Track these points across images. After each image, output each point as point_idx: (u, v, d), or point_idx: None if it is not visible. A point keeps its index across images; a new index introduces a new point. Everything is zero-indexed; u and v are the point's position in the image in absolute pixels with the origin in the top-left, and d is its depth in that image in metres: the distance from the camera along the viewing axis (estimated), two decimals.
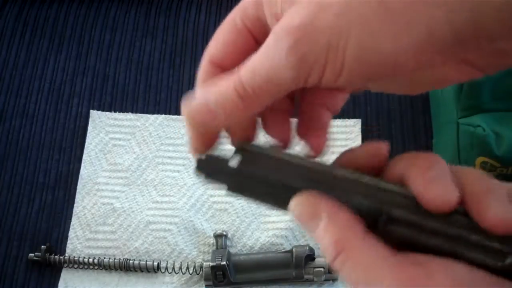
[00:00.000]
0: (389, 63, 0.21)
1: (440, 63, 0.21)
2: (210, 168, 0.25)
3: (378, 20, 0.20)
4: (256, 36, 0.26)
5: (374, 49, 0.20)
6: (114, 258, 0.59)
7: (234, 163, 0.25)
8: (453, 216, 0.21)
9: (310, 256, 0.56)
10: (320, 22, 0.20)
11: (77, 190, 0.63)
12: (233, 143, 0.27)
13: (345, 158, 0.25)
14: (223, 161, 0.25)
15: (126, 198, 0.63)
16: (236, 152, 0.25)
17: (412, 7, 0.19)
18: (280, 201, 0.24)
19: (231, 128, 0.27)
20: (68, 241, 0.61)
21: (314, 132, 0.27)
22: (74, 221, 0.62)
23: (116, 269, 0.59)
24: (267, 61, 0.22)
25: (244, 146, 0.25)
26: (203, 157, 0.26)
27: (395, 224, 0.22)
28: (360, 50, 0.20)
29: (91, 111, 0.68)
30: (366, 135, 0.66)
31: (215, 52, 0.26)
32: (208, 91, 0.25)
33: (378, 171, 0.25)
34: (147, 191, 0.63)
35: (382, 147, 0.24)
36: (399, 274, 0.20)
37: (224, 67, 0.26)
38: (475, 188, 0.21)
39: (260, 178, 0.24)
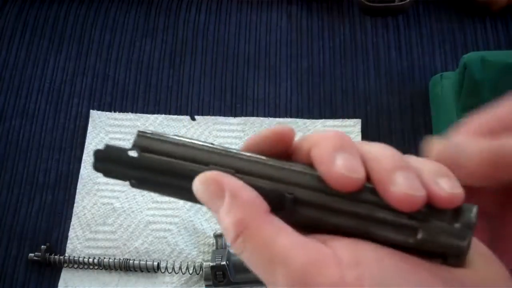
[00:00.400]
0: None
1: None
2: (109, 160, 0.23)
3: None
4: None
5: None
6: (114, 258, 0.59)
7: (134, 152, 0.23)
8: (361, 194, 0.21)
9: None
10: None
11: (77, 190, 0.63)
12: None
13: (251, 144, 0.24)
14: (123, 151, 0.23)
15: (126, 198, 0.63)
16: (136, 141, 0.23)
17: None
18: (184, 191, 0.23)
19: None
20: (68, 241, 0.61)
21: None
22: (74, 221, 0.62)
23: (116, 269, 0.59)
24: None
25: (145, 134, 0.24)
26: (102, 147, 0.23)
27: (302, 205, 0.21)
28: None
29: (91, 111, 0.68)
30: (366, 135, 0.66)
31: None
32: (469, 139, 0.23)
33: (286, 155, 0.24)
34: (147, 191, 0.63)
35: (287, 130, 0.23)
36: (304, 254, 0.19)
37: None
38: (382, 164, 0.20)
39: (161, 166, 0.23)
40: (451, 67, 0.70)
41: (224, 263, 0.55)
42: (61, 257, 0.59)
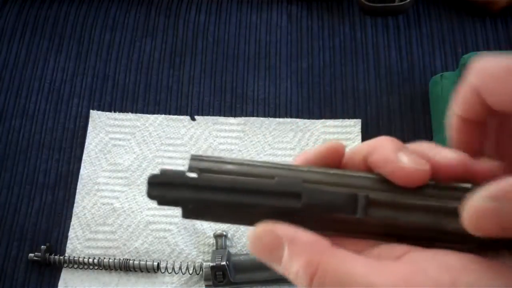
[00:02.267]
0: None
1: None
2: (165, 183, 0.22)
3: None
4: None
5: None
6: (114, 258, 0.59)
7: (193, 174, 0.22)
8: (427, 189, 0.21)
9: None
10: None
11: (77, 190, 0.63)
12: None
13: (303, 160, 0.24)
14: (180, 173, 0.22)
15: (126, 198, 0.63)
16: (191, 164, 0.23)
17: None
18: (247, 211, 0.22)
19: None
20: (68, 241, 0.61)
21: None
22: (74, 221, 0.62)
23: (116, 269, 0.59)
24: None
25: (199, 157, 0.23)
26: (156, 172, 0.23)
27: (374, 207, 0.21)
28: None
29: (91, 111, 0.68)
30: (366, 135, 0.66)
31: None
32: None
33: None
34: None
35: (339, 146, 0.24)
36: (391, 275, 0.19)
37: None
38: (441, 155, 0.21)
39: (225, 183, 0.22)
40: (451, 67, 0.70)
41: (224, 263, 0.55)
42: (61, 257, 0.59)
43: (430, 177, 0.21)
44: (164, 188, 0.22)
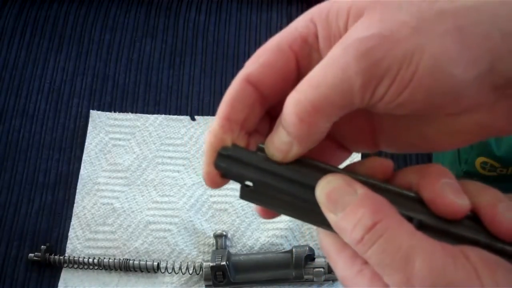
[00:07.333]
0: (454, 91, 0.20)
1: (488, 107, 0.21)
2: (234, 158, 0.23)
3: (453, 43, 0.20)
4: (300, 61, 0.24)
5: (446, 72, 0.20)
6: (114, 258, 0.59)
7: (262, 154, 0.23)
8: (464, 222, 0.21)
9: (310, 256, 0.56)
10: (396, 34, 0.20)
11: (77, 190, 0.63)
12: None
13: (352, 168, 0.25)
14: (251, 152, 0.23)
15: (126, 198, 0.63)
16: (263, 145, 0.24)
17: (483, 38, 0.20)
18: (301, 201, 0.23)
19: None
20: (68, 241, 0.61)
21: None
22: (74, 221, 0.62)
23: (116, 269, 0.59)
24: (331, 69, 0.21)
25: None
26: (229, 144, 0.24)
27: (424, 230, 0.21)
28: (433, 68, 0.20)
29: (91, 111, 0.68)
30: None
31: (253, 71, 0.25)
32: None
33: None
34: (147, 191, 0.63)
35: (388, 163, 0.24)
36: (444, 250, 0.20)
37: (260, 88, 0.25)
38: (485, 198, 0.22)
39: (289, 168, 0.22)
40: None
41: (224, 263, 0.55)
42: (61, 257, 0.59)
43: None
44: (232, 162, 0.23)
